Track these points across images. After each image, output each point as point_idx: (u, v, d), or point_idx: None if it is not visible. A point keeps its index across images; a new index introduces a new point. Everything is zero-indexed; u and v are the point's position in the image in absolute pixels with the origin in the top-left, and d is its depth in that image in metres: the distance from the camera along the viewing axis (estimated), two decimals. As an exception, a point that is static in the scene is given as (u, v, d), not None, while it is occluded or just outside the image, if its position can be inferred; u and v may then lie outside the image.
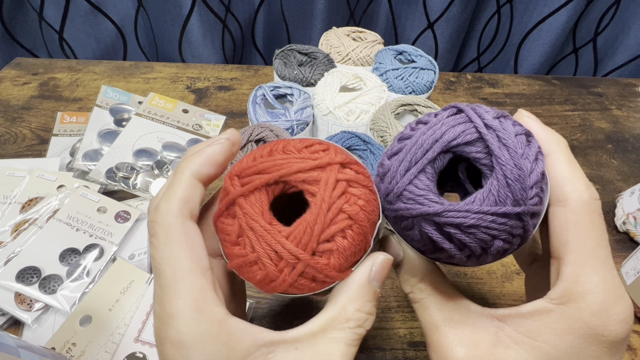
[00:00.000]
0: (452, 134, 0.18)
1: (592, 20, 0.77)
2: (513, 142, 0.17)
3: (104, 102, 0.52)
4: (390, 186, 0.19)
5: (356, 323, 0.18)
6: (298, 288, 0.18)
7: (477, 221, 0.17)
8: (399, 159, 0.19)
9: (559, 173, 0.18)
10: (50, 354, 0.27)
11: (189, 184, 0.18)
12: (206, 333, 0.15)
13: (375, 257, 0.19)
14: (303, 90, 0.45)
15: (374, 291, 0.18)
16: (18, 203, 0.40)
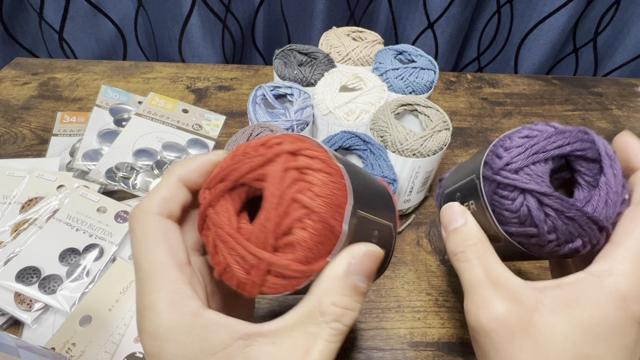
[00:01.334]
0: (580, 146, 0.22)
1: (592, 20, 0.77)
2: (619, 173, 0.22)
3: (103, 102, 0.52)
4: (515, 158, 0.22)
5: (332, 317, 0.17)
6: (273, 288, 0.17)
7: (575, 215, 0.21)
8: (531, 143, 0.22)
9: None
10: (50, 354, 0.27)
11: (172, 186, 0.19)
12: (179, 325, 0.16)
13: (354, 249, 0.17)
14: (303, 90, 0.45)
15: (353, 285, 0.17)
16: (18, 203, 0.40)
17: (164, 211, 0.18)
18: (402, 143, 0.37)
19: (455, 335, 0.35)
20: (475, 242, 0.22)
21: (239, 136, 0.38)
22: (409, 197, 0.43)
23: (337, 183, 0.17)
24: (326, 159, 0.17)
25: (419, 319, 0.36)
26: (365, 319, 0.36)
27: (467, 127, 0.58)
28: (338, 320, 0.17)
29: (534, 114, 0.62)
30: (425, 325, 0.36)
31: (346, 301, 0.17)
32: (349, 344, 0.34)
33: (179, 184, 0.19)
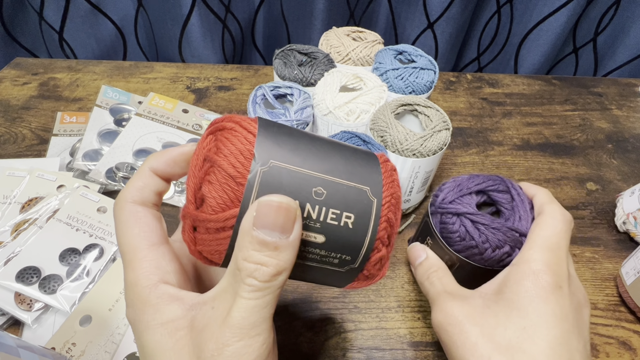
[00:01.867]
0: (491, 183, 0.32)
1: (592, 20, 0.77)
2: (525, 198, 0.31)
3: (103, 102, 0.52)
4: (448, 194, 0.32)
5: (245, 273, 0.17)
6: (203, 245, 0.18)
7: (497, 226, 0.29)
8: (457, 184, 0.32)
9: (539, 203, 0.30)
10: (50, 354, 0.27)
11: (145, 176, 0.20)
12: (138, 297, 0.18)
13: (259, 200, 0.17)
14: (303, 90, 0.45)
15: (259, 239, 0.16)
16: (18, 203, 0.40)
17: (138, 199, 0.20)
18: (402, 143, 0.37)
19: (455, 335, 0.35)
20: (435, 269, 0.30)
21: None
22: (409, 197, 0.43)
23: (245, 139, 0.18)
24: (243, 123, 0.18)
25: (419, 319, 0.36)
26: (365, 319, 0.36)
27: (467, 127, 0.58)
28: (251, 275, 0.17)
29: (534, 114, 0.62)
30: (425, 325, 0.36)
31: (256, 256, 0.17)
32: (348, 344, 0.34)
33: (150, 173, 0.21)
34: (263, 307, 0.17)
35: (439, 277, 0.29)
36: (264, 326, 0.17)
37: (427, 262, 0.30)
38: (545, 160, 0.54)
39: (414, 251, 0.32)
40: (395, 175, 0.21)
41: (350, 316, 0.36)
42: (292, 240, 0.17)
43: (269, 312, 0.17)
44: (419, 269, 0.31)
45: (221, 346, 0.16)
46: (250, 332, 0.17)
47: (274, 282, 0.17)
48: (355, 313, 0.36)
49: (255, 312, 0.17)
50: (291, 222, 0.17)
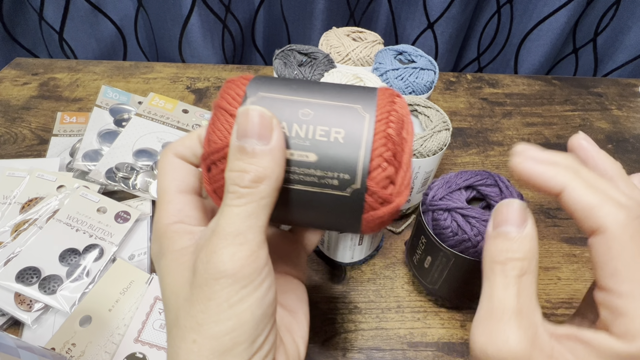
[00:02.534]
0: (479, 177, 0.32)
1: (592, 20, 0.77)
2: (513, 190, 0.31)
3: (103, 102, 0.52)
4: (438, 191, 0.32)
5: (230, 182, 0.17)
6: (219, 180, 0.19)
7: (489, 218, 0.26)
8: (445, 180, 0.33)
9: (581, 203, 0.17)
10: (50, 354, 0.27)
11: (192, 139, 0.22)
12: (158, 231, 0.20)
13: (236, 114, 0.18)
14: (303, 91, 0.45)
15: (239, 147, 0.17)
16: (18, 203, 0.40)
17: (179, 153, 0.21)
18: (402, 143, 0.37)
19: (455, 335, 0.35)
20: (521, 257, 0.18)
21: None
22: (409, 198, 0.43)
23: (241, 84, 0.20)
24: (242, 76, 0.21)
25: (419, 319, 0.36)
26: (365, 319, 0.36)
27: (467, 128, 0.58)
28: (233, 182, 0.17)
29: (534, 114, 0.62)
30: (425, 325, 0.36)
31: (237, 164, 0.17)
32: (348, 344, 0.34)
33: (197, 141, 0.22)
34: (247, 216, 0.17)
35: (520, 273, 0.18)
36: (249, 236, 0.17)
37: (518, 239, 0.18)
38: (545, 160, 0.54)
39: (508, 211, 0.19)
40: (397, 99, 0.20)
41: (350, 316, 0.36)
42: (272, 147, 0.17)
43: (255, 222, 0.17)
44: (497, 241, 0.19)
45: (209, 253, 0.17)
46: (235, 239, 0.17)
47: (255, 189, 0.17)
48: (355, 313, 0.36)
49: (238, 219, 0.17)
50: (267, 129, 0.17)
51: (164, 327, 0.33)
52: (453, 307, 0.37)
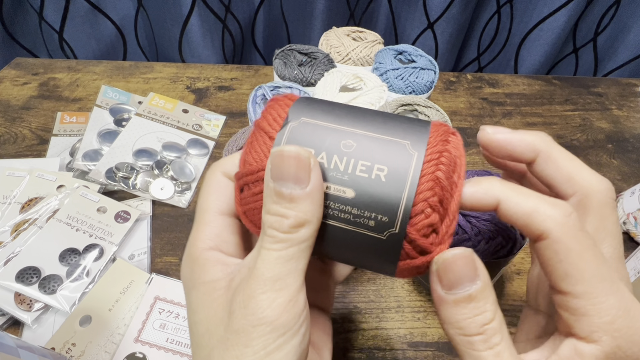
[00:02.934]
0: (469, 175, 0.32)
1: (592, 20, 0.77)
2: None
3: (103, 102, 0.52)
4: None
5: (267, 225, 0.17)
6: (250, 203, 0.19)
7: (490, 218, 0.30)
8: None
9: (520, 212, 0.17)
10: (50, 354, 0.27)
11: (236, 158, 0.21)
12: (190, 255, 0.19)
13: (271, 153, 0.17)
14: (303, 90, 0.45)
15: (276, 191, 0.17)
16: (18, 203, 0.40)
17: (227, 171, 0.20)
18: (402, 143, 0.37)
19: (455, 335, 0.35)
20: (494, 319, 0.16)
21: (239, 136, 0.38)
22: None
23: (284, 104, 0.19)
24: (287, 96, 0.20)
25: (419, 319, 0.36)
26: (365, 319, 0.36)
27: (467, 127, 0.58)
28: (272, 227, 0.17)
29: (534, 114, 0.62)
30: (425, 325, 0.36)
31: (275, 208, 0.17)
32: (349, 344, 0.34)
33: None
34: (287, 260, 0.16)
35: (500, 340, 0.16)
36: (288, 280, 0.16)
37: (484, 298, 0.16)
38: (545, 160, 0.54)
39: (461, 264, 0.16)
40: (452, 137, 0.18)
41: (350, 316, 0.36)
42: (310, 191, 0.16)
43: (294, 265, 0.17)
44: (462, 306, 0.16)
45: (247, 298, 0.16)
46: (275, 284, 0.16)
47: (295, 234, 0.16)
48: (355, 313, 0.36)
49: (278, 264, 0.16)
50: (304, 171, 0.16)
51: (163, 326, 0.33)
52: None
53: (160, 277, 0.36)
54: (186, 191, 0.45)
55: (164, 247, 0.40)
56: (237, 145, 0.37)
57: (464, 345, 0.16)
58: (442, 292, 0.16)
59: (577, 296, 0.16)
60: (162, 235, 0.41)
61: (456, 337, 0.16)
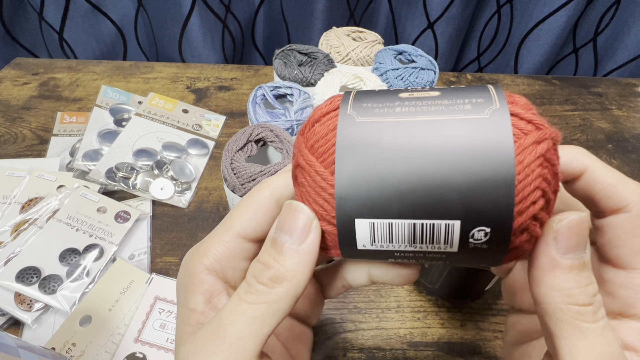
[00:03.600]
0: None
1: (592, 20, 0.77)
2: None
3: (103, 102, 0.52)
4: None
5: (250, 271, 0.16)
6: None
7: None
8: None
9: (604, 182, 0.16)
10: (50, 354, 0.27)
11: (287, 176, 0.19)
12: (188, 267, 0.18)
13: None
14: (303, 90, 0.45)
15: (271, 238, 0.16)
16: (18, 203, 0.40)
17: (275, 193, 0.18)
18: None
19: (455, 335, 0.35)
20: (598, 292, 0.15)
21: (239, 136, 0.38)
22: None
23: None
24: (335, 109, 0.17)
25: (419, 319, 0.36)
26: (365, 319, 0.36)
27: (467, 127, 0.58)
28: (253, 274, 0.16)
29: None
30: (425, 325, 0.36)
31: (264, 256, 0.16)
32: (348, 344, 0.34)
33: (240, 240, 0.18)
34: (253, 318, 0.15)
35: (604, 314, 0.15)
36: (248, 345, 0.15)
37: (589, 266, 0.15)
38: (545, 160, 0.54)
39: (581, 228, 0.15)
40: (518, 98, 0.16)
41: (350, 316, 0.36)
42: (302, 249, 0.16)
43: (259, 328, 0.15)
44: (570, 273, 0.15)
45: (197, 349, 0.15)
46: (232, 347, 0.15)
47: (270, 289, 0.15)
48: (355, 313, 0.36)
49: (242, 321, 0.15)
50: (304, 229, 0.16)
51: (163, 326, 0.33)
52: (453, 307, 0.37)
53: (160, 277, 0.36)
54: (186, 191, 0.45)
55: (164, 247, 0.40)
56: (237, 146, 0.37)
57: (570, 315, 0.15)
58: (558, 255, 0.15)
59: None
60: (162, 235, 0.41)
61: (562, 307, 0.15)
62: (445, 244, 0.15)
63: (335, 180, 0.15)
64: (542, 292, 0.15)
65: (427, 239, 0.15)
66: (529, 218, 0.14)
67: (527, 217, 0.14)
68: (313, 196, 0.16)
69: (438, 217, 0.14)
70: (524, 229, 0.14)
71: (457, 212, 0.14)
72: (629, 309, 0.16)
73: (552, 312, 0.15)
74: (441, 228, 0.15)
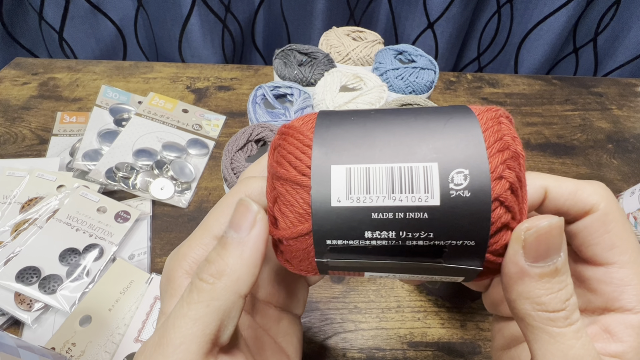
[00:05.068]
0: None
1: (592, 20, 0.77)
2: None
3: (103, 102, 0.52)
4: None
5: (197, 269, 0.16)
6: None
7: None
8: None
9: (565, 192, 0.17)
10: (50, 354, 0.27)
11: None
12: (169, 273, 0.18)
13: None
14: (303, 90, 0.45)
15: (220, 237, 0.16)
16: (18, 203, 0.39)
17: (250, 195, 0.18)
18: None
19: (455, 335, 0.35)
20: (573, 293, 0.15)
21: (239, 136, 0.38)
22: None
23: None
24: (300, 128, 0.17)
25: (419, 319, 0.36)
26: (365, 319, 0.36)
27: (467, 127, 0.58)
28: (196, 272, 0.16)
29: (534, 113, 0.62)
30: (425, 325, 0.36)
31: (210, 253, 0.16)
32: (348, 344, 0.34)
33: None
34: (196, 319, 0.15)
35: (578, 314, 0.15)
36: (192, 347, 0.15)
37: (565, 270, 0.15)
38: (545, 160, 0.54)
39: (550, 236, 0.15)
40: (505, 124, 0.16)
41: (350, 316, 0.36)
42: (244, 241, 0.15)
43: (202, 329, 0.15)
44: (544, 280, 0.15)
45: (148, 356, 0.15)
46: (175, 351, 0.15)
47: (211, 285, 0.15)
48: (355, 313, 0.36)
49: (186, 322, 0.15)
50: (247, 221, 0.16)
51: (164, 326, 0.33)
52: (453, 307, 0.37)
53: (160, 277, 0.36)
54: (186, 191, 0.45)
55: (164, 247, 0.40)
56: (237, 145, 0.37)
57: (542, 322, 0.15)
58: (527, 264, 0.15)
59: (623, 265, 0.16)
60: (162, 235, 0.41)
61: (532, 314, 0.15)
62: (426, 193, 0.14)
63: (314, 133, 0.16)
64: (513, 299, 0.15)
65: (407, 185, 0.15)
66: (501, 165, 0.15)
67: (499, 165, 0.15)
68: (290, 149, 0.16)
69: (416, 161, 0.15)
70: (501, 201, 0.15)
71: (433, 156, 0.15)
72: (613, 302, 0.16)
73: (523, 318, 0.15)
74: (419, 171, 0.15)
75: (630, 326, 0.16)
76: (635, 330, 0.16)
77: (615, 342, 0.16)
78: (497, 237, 0.15)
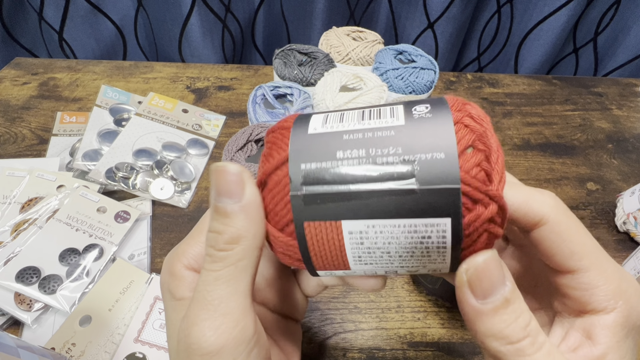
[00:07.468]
0: None
1: (592, 20, 0.77)
2: None
3: (103, 102, 0.52)
4: None
5: (207, 243, 0.16)
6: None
7: None
8: None
9: (516, 203, 0.17)
10: (50, 354, 0.27)
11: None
12: (169, 269, 0.19)
13: None
14: (303, 90, 0.45)
15: (214, 206, 0.16)
16: (18, 203, 0.39)
17: None
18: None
19: (455, 335, 0.35)
20: (532, 317, 0.16)
21: (239, 136, 0.38)
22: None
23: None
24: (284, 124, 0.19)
25: (419, 319, 0.36)
26: (365, 319, 0.36)
27: (467, 127, 0.58)
28: (210, 244, 0.16)
29: (534, 113, 0.62)
30: (425, 325, 0.36)
31: (213, 224, 0.16)
32: (348, 344, 0.34)
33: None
34: (226, 281, 0.16)
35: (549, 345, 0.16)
36: (231, 304, 0.15)
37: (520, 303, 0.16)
38: (545, 160, 0.54)
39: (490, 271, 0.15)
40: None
41: (350, 316, 0.36)
42: (244, 205, 0.16)
43: (235, 287, 0.16)
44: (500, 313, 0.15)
45: (189, 325, 0.16)
46: (217, 309, 0.15)
47: (230, 252, 0.16)
48: (355, 313, 0.36)
49: (217, 286, 0.16)
50: (238, 185, 0.16)
51: (163, 327, 0.33)
52: (453, 307, 0.37)
53: (160, 274, 0.36)
54: (186, 191, 0.45)
55: (164, 247, 0.40)
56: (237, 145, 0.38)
57: (513, 355, 0.15)
58: (478, 303, 0.15)
59: (587, 270, 0.16)
60: (162, 235, 0.41)
61: (501, 349, 0.15)
62: (392, 117, 0.16)
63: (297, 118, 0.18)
64: (481, 340, 0.16)
65: (375, 115, 0.17)
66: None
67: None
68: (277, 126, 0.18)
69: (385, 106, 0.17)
70: None
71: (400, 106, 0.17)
72: (585, 306, 0.17)
73: (495, 355, 0.15)
74: (387, 108, 0.17)
75: (605, 327, 0.16)
76: (610, 330, 0.16)
77: (595, 346, 0.16)
78: (467, 155, 0.15)
